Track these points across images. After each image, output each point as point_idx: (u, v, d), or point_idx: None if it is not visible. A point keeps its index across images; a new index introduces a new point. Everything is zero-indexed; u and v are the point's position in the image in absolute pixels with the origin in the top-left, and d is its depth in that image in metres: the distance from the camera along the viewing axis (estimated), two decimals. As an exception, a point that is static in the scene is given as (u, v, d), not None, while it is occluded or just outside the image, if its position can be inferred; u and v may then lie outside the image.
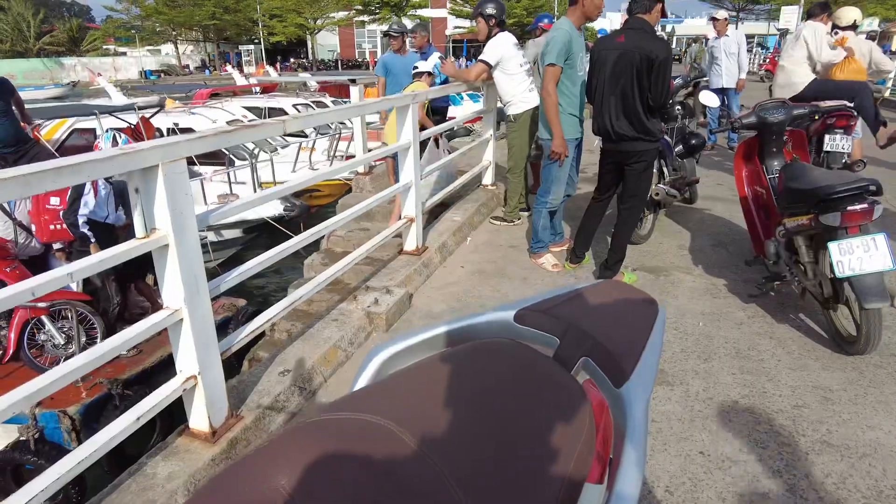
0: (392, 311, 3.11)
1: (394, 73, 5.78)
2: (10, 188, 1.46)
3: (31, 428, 3.69)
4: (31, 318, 4.26)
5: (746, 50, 7.68)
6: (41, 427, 3.78)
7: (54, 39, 52.06)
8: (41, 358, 4.32)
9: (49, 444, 3.83)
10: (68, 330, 4.33)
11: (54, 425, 3.88)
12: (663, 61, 3.09)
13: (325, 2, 45.66)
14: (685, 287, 3.61)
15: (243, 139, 2.20)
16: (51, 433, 3.89)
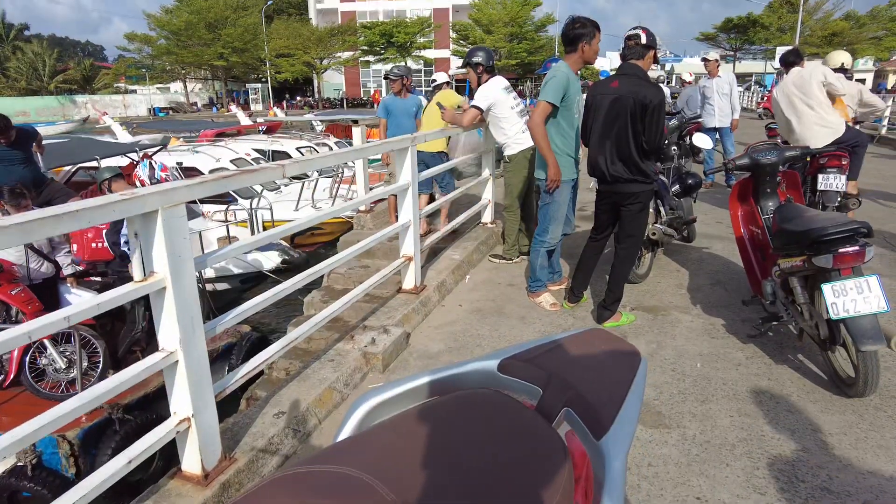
0: (389, 351, 3.11)
1: (395, 115, 5.92)
2: (12, 235, 1.50)
3: (28, 453, 3.61)
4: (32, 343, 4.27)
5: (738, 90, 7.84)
6: (39, 452, 3.71)
7: (68, 77, 53.43)
8: (42, 382, 4.32)
9: (47, 470, 3.77)
10: (70, 354, 4.33)
11: (52, 450, 3.82)
12: (657, 106, 3.17)
13: (332, 42, 46.86)
14: (683, 327, 3.60)
15: (243, 183, 2.25)
16: (49, 458, 3.83)
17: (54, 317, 1.69)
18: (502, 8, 45.10)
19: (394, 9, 52.86)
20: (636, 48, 3.24)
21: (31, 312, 4.36)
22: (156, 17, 46.06)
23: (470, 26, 45.87)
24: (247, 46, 46.14)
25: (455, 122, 4.62)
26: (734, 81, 7.66)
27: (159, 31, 46.14)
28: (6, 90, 51.00)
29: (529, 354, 1.09)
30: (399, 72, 5.87)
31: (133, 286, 1.88)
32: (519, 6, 45.01)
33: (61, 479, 3.84)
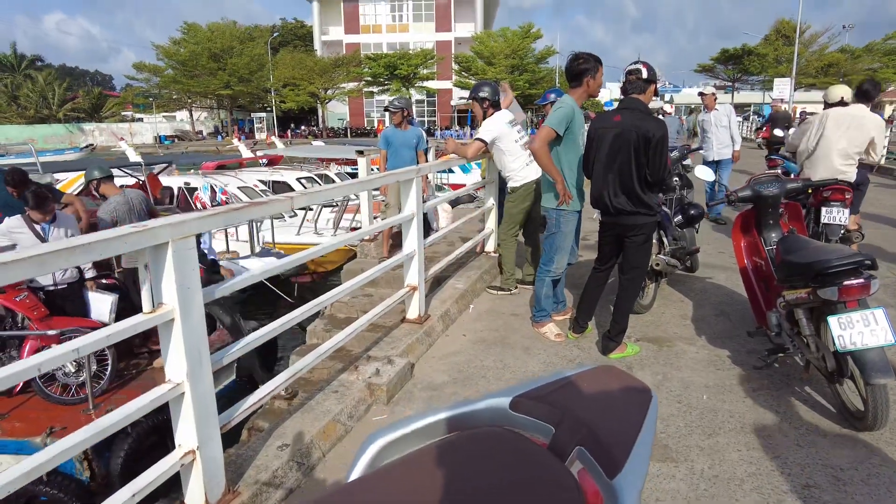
0: (393, 382, 3.09)
1: (395, 147, 6.00)
2: (29, 267, 1.52)
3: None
4: (41, 347, 4.31)
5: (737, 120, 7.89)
6: None
7: (76, 105, 54.34)
8: (52, 386, 4.35)
9: (62, 474, 3.81)
10: (79, 358, 4.33)
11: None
12: (660, 139, 3.21)
13: (336, 73, 47.70)
14: (688, 358, 3.59)
15: (252, 216, 2.28)
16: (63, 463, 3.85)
17: (64, 349, 1.70)
18: (503, 40, 46.00)
19: (397, 41, 53.91)
20: (637, 83, 3.30)
21: (37, 318, 4.41)
22: (164, 47, 47.00)
23: (472, 58, 46.71)
24: (252, 76, 46.98)
25: (459, 153, 4.68)
26: (732, 113, 7.72)
27: (167, 62, 47.04)
28: (15, 118, 51.81)
29: (541, 392, 1.10)
30: (399, 104, 5.97)
31: (142, 317, 1.89)
32: (520, 39, 45.92)
33: (76, 482, 3.91)
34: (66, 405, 4.30)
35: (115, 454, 3.99)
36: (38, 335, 4.27)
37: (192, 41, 45.70)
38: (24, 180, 5.49)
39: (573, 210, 3.76)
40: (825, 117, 4.84)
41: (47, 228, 4.72)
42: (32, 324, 4.38)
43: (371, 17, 55.70)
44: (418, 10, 55.34)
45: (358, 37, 55.10)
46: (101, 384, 4.40)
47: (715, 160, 7.67)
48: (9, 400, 4.29)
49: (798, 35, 30.50)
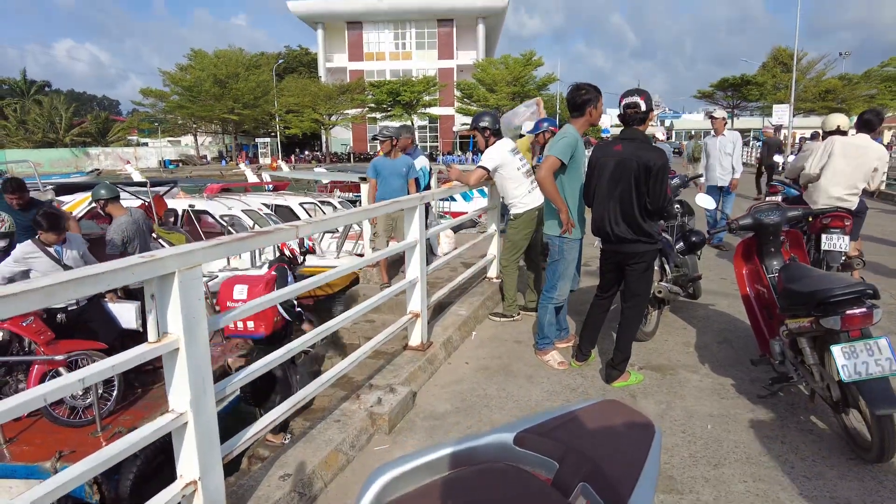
0: (395, 411, 3.08)
1: (384, 176, 6.05)
2: (36, 299, 1.54)
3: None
4: (48, 371, 4.32)
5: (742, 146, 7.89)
6: None
7: (83, 130, 55.03)
8: (59, 409, 4.34)
9: (72, 498, 3.77)
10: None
11: None
12: (661, 168, 3.25)
13: (340, 99, 48.36)
14: (692, 387, 3.57)
15: (258, 245, 2.30)
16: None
17: (69, 379, 1.71)
18: (505, 68, 46.68)
19: (400, 69, 54.79)
20: (636, 116, 3.35)
21: (44, 343, 4.41)
22: (171, 73, 47.77)
23: (474, 85, 47.37)
24: (257, 102, 47.64)
25: (461, 180, 4.73)
26: (738, 140, 7.63)
27: (173, 87, 47.76)
28: (23, 142, 52.45)
29: (545, 427, 1.10)
30: (388, 133, 6.04)
31: (147, 347, 1.90)
32: (521, 66, 46.62)
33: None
34: (74, 427, 4.32)
35: (123, 477, 3.98)
36: (45, 360, 4.28)
37: (199, 67, 46.46)
38: (22, 186, 5.56)
39: (575, 238, 3.80)
40: (831, 144, 4.90)
41: (60, 250, 4.75)
42: (39, 348, 4.40)
43: (375, 44, 56.75)
44: (421, 38, 56.39)
45: (362, 64, 56.05)
46: (108, 406, 4.42)
47: (718, 186, 7.64)
48: (16, 423, 4.29)
49: (795, 62, 30.91)
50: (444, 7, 54.21)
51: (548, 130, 5.67)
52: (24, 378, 4.38)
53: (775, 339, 3.19)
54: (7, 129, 53.07)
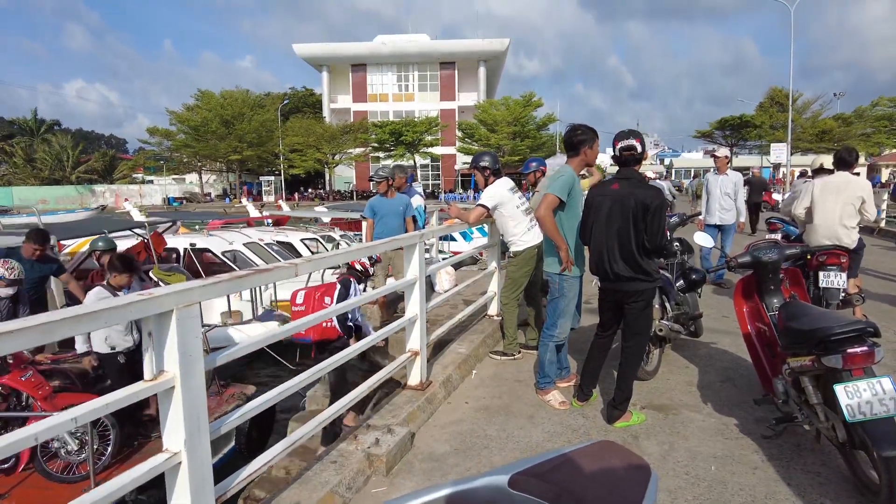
0: (393, 452, 3.02)
1: (381, 215, 6.11)
2: (31, 336, 1.54)
3: None
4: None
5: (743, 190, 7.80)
6: None
7: (89, 168, 55.87)
8: (53, 464, 4.29)
9: None
10: (82, 434, 4.29)
11: None
12: (658, 206, 3.28)
13: (344, 139, 49.19)
14: (695, 427, 3.51)
15: (257, 283, 2.31)
16: None
17: (61, 418, 1.69)
18: (505, 108, 47.61)
19: (403, 109, 55.90)
20: (632, 158, 3.41)
21: (42, 397, 4.39)
22: (177, 113, 48.75)
23: (475, 125, 48.22)
24: (262, 141, 48.44)
25: (462, 218, 4.78)
26: (741, 182, 7.63)
27: (179, 126, 48.65)
28: (30, 179, 53.19)
29: (539, 469, 1.09)
30: (383, 174, 6.13)
31: (143, 385, 1.89)
32: (521, 107, 47.56)
33: None
34: (67, 483, 4.22)
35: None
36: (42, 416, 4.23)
37: (206, 107, 47.43)
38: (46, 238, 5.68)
39: (575, 275, 3.82)
40: (813, 186, 5.10)
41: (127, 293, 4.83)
42: (36, 403, 4.36)
43: (378, 86, 58.10)
44: (423, 80, 57.76)
45: (365, 105, 57.25)
46: (104, 460, 4.33)
47: (717, 224, 7.66)
48: (7, 479, 4.21)
49: (791, 102, 31.51)
50: (445, 51, 55.75)
51: (538, 170, 5.75)
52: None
53: (778, 377, 3.15)
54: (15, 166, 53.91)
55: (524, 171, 5.80)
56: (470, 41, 56.59)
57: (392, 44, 55.88)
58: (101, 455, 4.36)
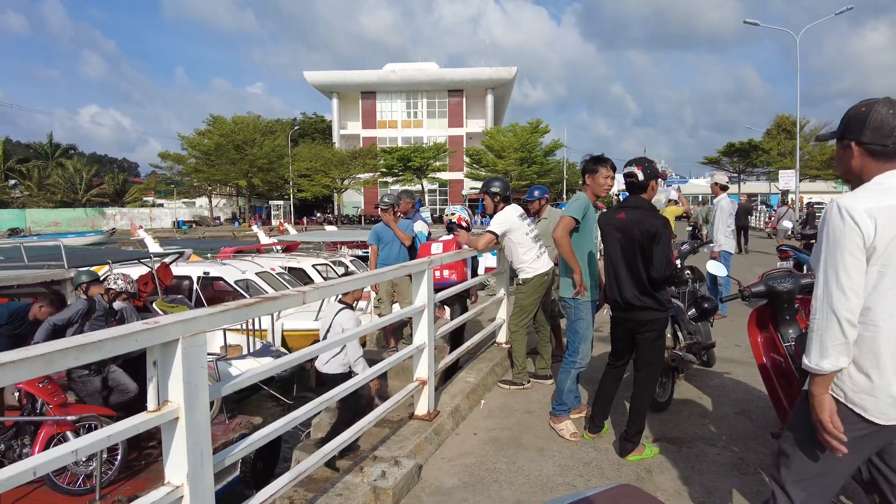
0: (400, 486, 2.94)
1: (385, 241, 6.07)
2: (35, 366, 1.51)
3: None
4: (56, 434, 4.31)
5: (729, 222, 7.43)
6: None
7: (101, 191, 56.67)
8: (61, 476, 4.31)
9: None
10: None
11: None
12: (663, 235, 3.25)
13: (353, 164, 49.68)
14: (710, 461, 3.40)
15: (265, 311, 2.28)
16: None
17: (62, 450, 1.66)
18: (513, 135, 48.03)
19: (412, 136, 56.54)
20: (635, 185, 3.41)
21: (56, 405, 4.46)
22: (189, 138, 49.49)
23: (483, 151, 48.60)
24: (272, 166, 48.97)
25: (470, 244, 4.75)
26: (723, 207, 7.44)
27: (190, 151, 49.33)
28: (43, 202, 53.98)
29: None
30: (389, 200, 6.11)
31: (146, 416, 1.84)
32: (528, 133, 47.98)
33: None
34: (73, 496, 4.24)
35: None
36: (55, 421, 4.27)
37: (218, 133, 48.14)
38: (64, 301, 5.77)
39: (589, 299, 3.84)
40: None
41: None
42: (50, 409, 4.42)
43: (388, 113, 58.91)
44: (432, 107, 58.53)
45: (374, 131, 57.97)
46: (110, 475, 4.35)
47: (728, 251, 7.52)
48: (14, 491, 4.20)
49: (798, 129, 31.55)
50: (454, 79, 56.57)
51: (542, 199, 5.74)
52: (31, 441, 4.41)
53: (796, 411, 3.06)
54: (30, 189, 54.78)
55: (528, 199, 5.77)
56: (478, 69, 57.42)
57: (401, 72, 56.78)
58: (109, 467, 4.40)
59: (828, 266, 1.71)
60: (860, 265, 1.67)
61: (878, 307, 1.69)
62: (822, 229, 1.75)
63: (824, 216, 1.76)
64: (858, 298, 1.67)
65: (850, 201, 1.69)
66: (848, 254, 1.66)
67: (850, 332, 1.67)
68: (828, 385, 1.74)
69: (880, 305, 1.69)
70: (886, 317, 1.69)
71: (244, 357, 7.48)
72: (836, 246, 1.68)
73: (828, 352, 1.69)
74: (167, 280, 8.60)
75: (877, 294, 1.69)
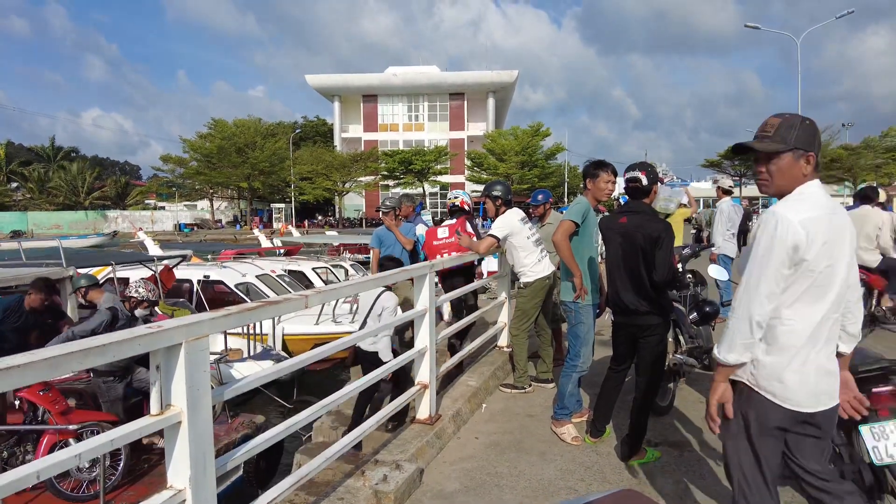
0: (401, 489, 2.94)
1: (387, 245, 6.07)
2: (40, 371, 1.51)
3: None
4: (58, 441, 4.30)
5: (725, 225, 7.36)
6: None
7: (103, 194, 56.75)
8: (64, 482, 4.31)
9: None
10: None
11: None
12: (665, 240, 3.25)
13: (354, 167, 49.70)
14: (712, 465, 3.40)
15: (267, 315, 2.29)
16: None
17: (65, 454, 1.66)
18: (514, 138, 48.00)
19: (413, 139, 56.58)
20: (639, 190, 3.41)
21: (58, 412, 4.45)
22: (191, 141, 49.52)
23: (484, 155, 48.60)
24: (273, 169, 48.99)
25: (472, 248, 4.75)
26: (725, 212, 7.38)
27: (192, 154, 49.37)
28: (45, 205, 54.07)
29: None
30: (390, 205, 6.11)
31: (149, 420, 1.85)
32: (529, 136, 47.95)
33: None
34: (77, 502, 4.23)
35: None
36: (57, 429, 4.27)
37: (219, 136, 48.19)
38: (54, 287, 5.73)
39: (589, 302, 3.84)
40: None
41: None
42: (52, 417, 4.42)
43: (389, 116, 58.96)
44: (433, 110, 58.59)
45: (376, 134, 57.99)
46: (113, 480, 4.35)
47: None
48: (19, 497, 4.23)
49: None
50: (455, 82, 56.62)
51: (546, 203, 5.74)
52: (33, 448, 4.40)
53: (798, 416, 3.05)
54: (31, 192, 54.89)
55: (532, 204, 5.78)
56: (479, 73, 57.48)
57: (403, 75, 56.86)
58: (111, 475, 4.39)
59: (755, 270, 1.87)
60: (783, 275, 1.85)
61: (795, 308, 1.88)
62: (758, 235, 1.90)
63: (761, 223, 1.90)
64: (772, 305, 1.86)
65: (787, 212, 1.84)
66: (777, 263, 1.83)
67: (758, 333, 1.88)
68: (727, 375, 1.97)
69: (798, 306, 1.88)
70: (801, 317, 1.89)
71: (244, 360, 7.48)
72: (767, 254, 1.84)
73: (735, 347, 1.90)
74: (170, 283, 8.62)
75: (795, 297, 1.88)
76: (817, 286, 1.86)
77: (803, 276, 1.85)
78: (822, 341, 1.92)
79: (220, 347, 7.65)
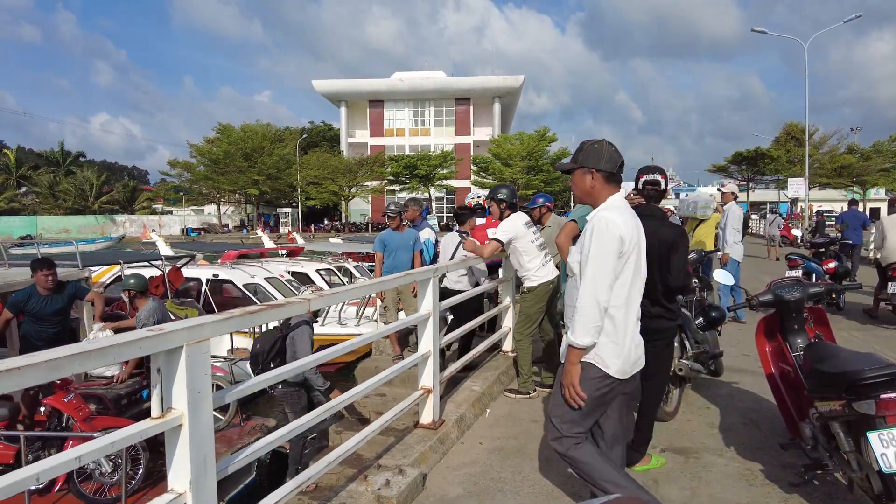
0: (404, 495, 2.93)
1: (391, 249, 6.07)
2: (41, 372, 1.52)
3: None
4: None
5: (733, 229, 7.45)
6: None
7: (111, 198, 57.17)
8: (87, 485, 4.44)
9: None
10: (115, 458, 4.46)
11: None
12: (681, 245, 3.23)
13: (360, 172, 49.86)
14: (718, 472, 3.36)
15: (269, 318, 2.29)
16: None
17: (66, 456, 1.66)
18: (520, 143, 48.03)
19: (419, 144, 56.71)
20: (655, 193, 3.38)
21: (81, 419, 4.56)
22: (198, 146, 49.84)
23: (489, 160, 48.63)
24: (280, 174, 49.21)
25: (476, 252, 4.74)
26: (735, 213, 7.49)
27: (199, 159, 49.68)
28: (54, 209, 54.54)
29: None
30: (396, 208, 6.11)
31: (150, 423, 1.85)
32: (535, 141, 47.97)
33: None
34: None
35: None
36: (80, 436, 4.37)
37: (227, 141, 48.47)
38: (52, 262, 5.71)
39: None
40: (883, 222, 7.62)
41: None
42: (76, 424, 4.51)
43: (395, 121, 59.17)
44: (439, 115, 58.75)
45: (382, 139, 58.20)
46: (134, 483, 4.44)
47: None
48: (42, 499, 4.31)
49: (808, 137, 31.35)
50: (461, 87, 56.76)
51: (544, 206, 5.73)
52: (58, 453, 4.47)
53: (805, 422, 3.01)
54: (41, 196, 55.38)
55: (530, 207, 5.75)
56: (485, 78, 57.60)
57: (409, 80, 57.06)
58: (132, 478, 4.49)
59: (597, 266, 2.28)
60: (617, 267, 2.31)
61: (619, 295, 2.34)
62: (591, 236, 2.32)
63: (593, 226, 2.34)
64: (612, 292, 2.30)
65: (612, 216, 2.33)
66: (614, 257, 2.29)
67: (603, 317, 2.31)
68: (579, 357, 2.35)
69: (620, 293, 2.35)
70: (623, 303, 2.36)
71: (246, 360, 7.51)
72: (603, 251, 2.28)
73: (589, 331, 2.28)
74: (178, 283, 8.68)
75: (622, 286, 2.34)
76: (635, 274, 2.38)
77: (625, 267, 2.32)
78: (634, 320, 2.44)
79: (227, 347, 7.70)
